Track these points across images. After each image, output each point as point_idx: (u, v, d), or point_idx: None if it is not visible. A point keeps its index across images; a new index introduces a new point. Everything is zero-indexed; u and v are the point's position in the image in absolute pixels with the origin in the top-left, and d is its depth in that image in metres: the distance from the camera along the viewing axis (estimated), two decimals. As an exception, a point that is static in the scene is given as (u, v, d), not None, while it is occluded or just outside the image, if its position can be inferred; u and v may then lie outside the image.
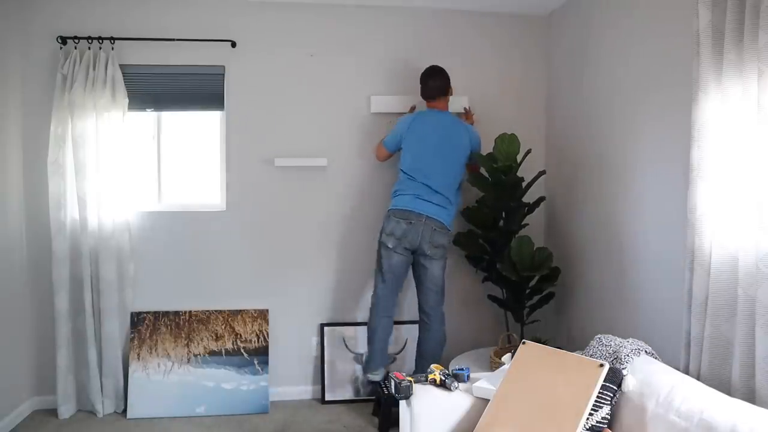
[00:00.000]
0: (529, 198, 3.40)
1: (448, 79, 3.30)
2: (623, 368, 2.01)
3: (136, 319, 3.42)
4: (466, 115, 3.55)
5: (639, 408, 1.88)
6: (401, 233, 3.11)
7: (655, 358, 2.14)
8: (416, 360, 3.30)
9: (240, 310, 3.51)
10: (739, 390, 1.87)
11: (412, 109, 3.52)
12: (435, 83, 3.26)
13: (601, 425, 1.91)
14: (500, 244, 3.31)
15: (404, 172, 3.21)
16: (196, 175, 3.65)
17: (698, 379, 2.01)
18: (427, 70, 3.31)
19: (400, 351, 3.59)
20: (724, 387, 1.93)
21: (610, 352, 2.13)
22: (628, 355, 2.08)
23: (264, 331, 3.50)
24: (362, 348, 3.56)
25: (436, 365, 2.28)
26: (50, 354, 3.28)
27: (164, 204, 3.57)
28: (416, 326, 3.42)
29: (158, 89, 3.46)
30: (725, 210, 1.97)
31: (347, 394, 3.54)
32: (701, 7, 2.01)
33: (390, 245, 3.14)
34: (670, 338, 2.40)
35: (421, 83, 3.31)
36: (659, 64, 2.55)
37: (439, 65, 3.33)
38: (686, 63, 2.26)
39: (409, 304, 3.60)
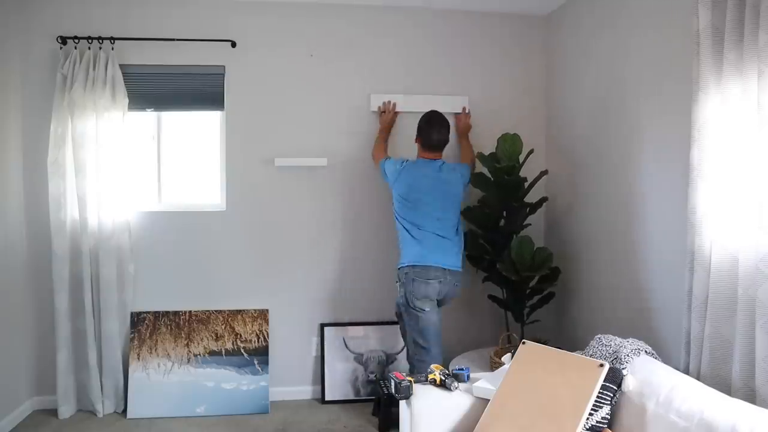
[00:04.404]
0: (530, 198, 3.40)
1: (449, 129, 3.19)
2: (623, 368, 2.01)
3: (136, 319, 3.42)
4: (462, 115, 3.56)
5: (639, 408, 1.88)
6: (436, 293, 2.96)
7: (655, 358, 2.14)
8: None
9: (240, 310, 3.51)
10: (739, 390, 1.87)
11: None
12: (441, 137, 3.12)
13: (601, 425, 1.91)
14: (501, 244, 3.31)
15: (403, 227, 3.08)
16: (196, 175, 3.65)
17: (698, 379, 2.01)
18: (431, 119, 3.14)
19: (401, 351, 3.58)
20: (724, 387, 1.93)
21: (610, 352, 2.13)
22: (628, 355, 2.08)
23: (264, 331, 3.50)
24: (362, 348, 3.56)
25: (436, 365, 2.28)
26: (50, 354, 3.27)
27: (164, 204, 3.56)
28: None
29: (158, 89, 3.46)
30: (725, 210, 1.97)
31: (347, 394, 3.54)
32: (701, 7, 2.01)
33: (427, 308, 2.94)
34: (670, 338, 2.40)
35: (422, 131, 3.15)
36: (659, 64, 2.55)
37: (440, 112, 3.18)
38: (686, 63, 2.25)
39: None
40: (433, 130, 3.13)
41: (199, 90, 3.49)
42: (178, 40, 3.36)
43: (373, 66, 3.60)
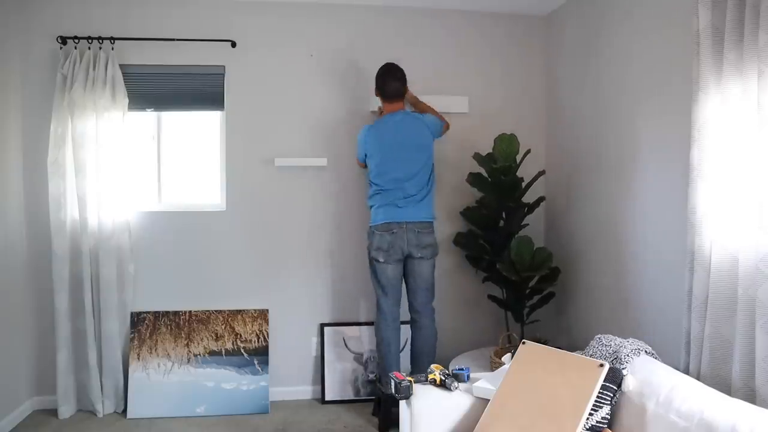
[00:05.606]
0: (529, 198, 3.40)
1: (405, 79, 3.20)
2: (623, 368, 2.01)
3: (136, 319, 3.42)
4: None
5: (639, 408, 1.88)
6: (387, 245, 3.12)
7: (655, 358, 2.14)
8: (411, 359, 3.28)
9: (240, 310, 3.51)
10: (739, 390, 1.87)
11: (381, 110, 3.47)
12: (394, 85, 3.17)
13: (601, 425, 1.91)
14: (500, 244, 3.31)
15: (374, 183, 3.20)
16: (196, 175, 3.65)
17: (698, 379, 2.01)
18: (384, 70, 3.19)
19: (401, 350, 3.58)
20: (724, 387, 1.93)
21: (610, 352, 2.13)
22: (628, 355, 2.08)
23: (264, 331, 3.50)
24: (362, 348, 3.56)
25: (436, 365, 2.28)
26: (50, 354, 3.28)
27: (164, 204, 3.56)
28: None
29: (158, 89, 3.46)
30: (725, 210, 1.97)
31: (347, 394, 3.54)
32: (701, 7, 2.01)
33: (381, 259, 3.14)
34: (670, 338, 2.40)
35: (378, 83, 3.20)
36: (659, 64, 2.55)
37: (396, 63, 3.21)
38: (686, 63, 2.25)
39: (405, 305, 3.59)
40: (386, 79, 3.18)
41: (199, 90, 3.49)
42: (178, 40, 3.36)
43: (373, 66, 3.58)
